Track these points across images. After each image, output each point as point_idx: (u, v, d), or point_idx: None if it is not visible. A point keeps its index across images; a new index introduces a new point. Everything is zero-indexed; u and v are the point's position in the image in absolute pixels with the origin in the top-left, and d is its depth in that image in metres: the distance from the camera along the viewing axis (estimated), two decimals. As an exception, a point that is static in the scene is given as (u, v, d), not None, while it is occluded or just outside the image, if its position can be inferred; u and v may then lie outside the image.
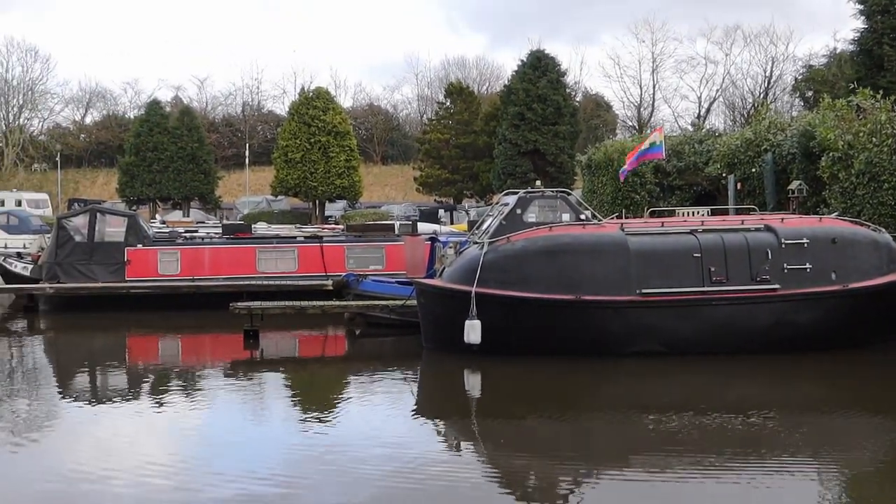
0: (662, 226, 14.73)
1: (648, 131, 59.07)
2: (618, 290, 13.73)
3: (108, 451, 9.54)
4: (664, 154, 22.65)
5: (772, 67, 70.41)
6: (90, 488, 8.15)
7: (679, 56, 75.67)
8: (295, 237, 25.01)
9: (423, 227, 30.02)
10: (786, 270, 13.93)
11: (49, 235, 24.18)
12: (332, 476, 8.46)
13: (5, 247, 40.44)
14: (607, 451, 9.48)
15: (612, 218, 17.90)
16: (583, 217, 15.04)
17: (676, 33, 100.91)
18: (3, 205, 59.09)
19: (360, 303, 17.63)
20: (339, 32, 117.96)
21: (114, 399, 12.44)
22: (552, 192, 15.79)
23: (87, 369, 15.30)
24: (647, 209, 21.96)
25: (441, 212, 48.69)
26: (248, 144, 73.13)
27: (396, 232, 24.32)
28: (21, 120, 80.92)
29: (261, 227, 33.15)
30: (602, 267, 13.83)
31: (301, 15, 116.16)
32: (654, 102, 74.93)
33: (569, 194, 15.66)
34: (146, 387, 13.53)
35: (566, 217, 14.94)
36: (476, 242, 14.94)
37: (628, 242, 14.00)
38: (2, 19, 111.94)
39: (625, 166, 22.69)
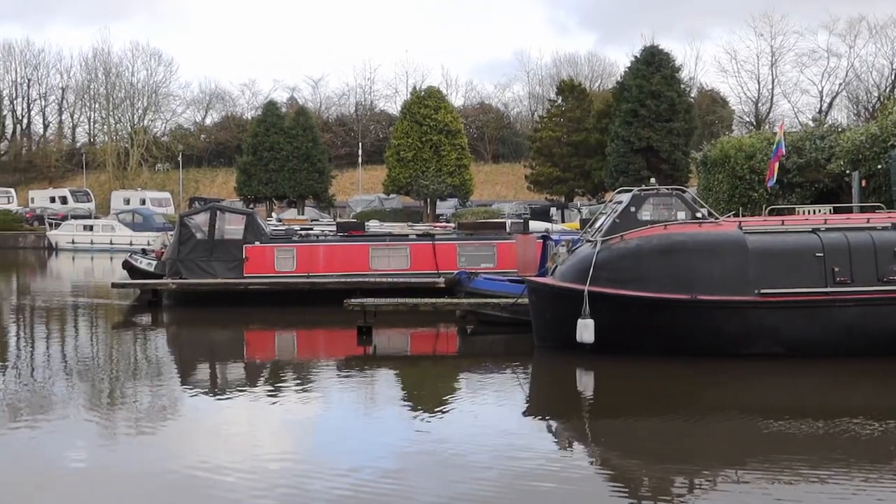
0: (783, 224, 14.26)
1: (767, 127, 57.54)
2: (735, 290, 13.35)
3: (225, 441, 9.80)
4: (784, 150, 22.02)
5: (899, 59, 67.60)
6: (207, 476, 8.38)
7: (799, 49, 73.02)
8: (407, 235, 25.25)
9: (535, 225, 29.95)
10: (915, 271, 13.30)
11: (171, 233, 25.00)
12: (440, 473, 8.48)
13: (131, 243, 42.23)
14: (720, 455, 9.21)
15: (729, 216, 17.42)
16: (699, 215, 14.70)
17: (797, 26, 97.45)
18: (128, 203, 61.68)
19: (472, 300, 17.65)
20: (449, 31, 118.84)
21: (231, 391, 12.77)
22: (667, 189, 15.48)
23: (206, 362, 15.78)
24: (766, 207, 21.32)
25: (552, 210, 48.42)
26: (360, 143, 74.26)
27: (508, 230, 24.27)
28: (145, 121, 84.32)
29: (373, 225, 33.63)
30: (719, 266, 13.46)
31: (412, 15, 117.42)
32: (772, 97, 72.89)
33: (684, 192, 15.33)
34: (262, 380, 13.85)
35: (681, 215, 14.62)
36: (589, 241, 14.76)
37: (747, 241, 13.59)
38: (126, 24, 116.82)
39: (773, 175, 22.04)
